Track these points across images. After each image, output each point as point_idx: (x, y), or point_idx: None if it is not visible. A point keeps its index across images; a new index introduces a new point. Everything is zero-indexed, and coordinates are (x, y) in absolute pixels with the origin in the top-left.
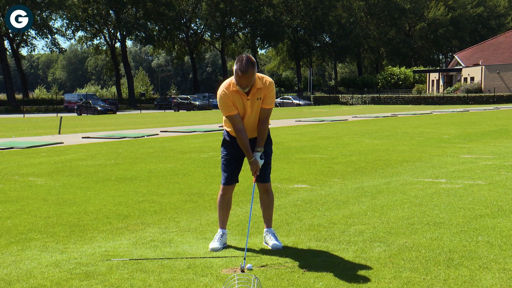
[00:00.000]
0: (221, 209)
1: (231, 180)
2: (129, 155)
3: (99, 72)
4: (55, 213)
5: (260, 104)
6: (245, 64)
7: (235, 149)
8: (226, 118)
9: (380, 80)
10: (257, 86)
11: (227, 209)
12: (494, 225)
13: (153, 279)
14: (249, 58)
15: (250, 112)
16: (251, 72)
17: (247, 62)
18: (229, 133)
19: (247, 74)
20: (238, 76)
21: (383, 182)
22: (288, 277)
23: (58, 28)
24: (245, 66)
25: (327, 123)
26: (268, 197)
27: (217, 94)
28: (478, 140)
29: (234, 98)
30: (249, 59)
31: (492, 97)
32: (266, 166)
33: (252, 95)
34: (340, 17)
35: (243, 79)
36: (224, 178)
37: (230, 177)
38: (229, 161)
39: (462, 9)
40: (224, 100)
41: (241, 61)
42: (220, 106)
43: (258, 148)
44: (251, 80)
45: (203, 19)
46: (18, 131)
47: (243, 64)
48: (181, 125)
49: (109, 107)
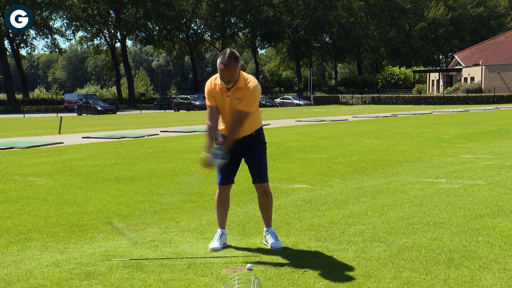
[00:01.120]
0: (218, 209)
1: (225, 180)
2: (129, 155)
3: (99, 72)
4: (55, 213)
5: (237, 104)
6: (227, 57)
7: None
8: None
9: (380, 80)
10: (238, 85)
11: (225, 208)
12: (494, 225)
13: (153, 279)
14: (232, 52)
15: (228, 109)
16: (233, 66)
17: (229, 55)
18: (221, 132)
19: (229, 68)
20: (220, 69)
21: (383, 182)
22: (288, 277)
23: (58, 28)
24: (227, 60)
25: (327, 123)
26: (266, 199)
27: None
28: (478, 140)
29: (215, 91)
30: (232, 53)
31: (492, 97)
32: (257, 165)
33: (231, 92)
34: (340, 17)
35: (225, 72)
36: (219, 178)
37: (225, 176)
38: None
39: (462, 9)
40: (206, 90)
41: (224, 54)
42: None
43: (217, 146)
44: (233, 75)
45: (203, 19)
46: (18, 131)
47: (225, 57)
48: (181, 125)
49: (109, 107)
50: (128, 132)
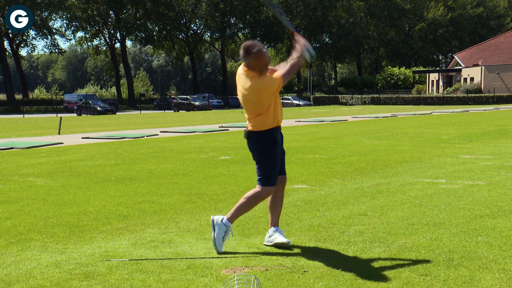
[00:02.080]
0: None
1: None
2: (129, 156)
3: (99, 73)
4: (54, 213)
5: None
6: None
7: (279, 146)
8: (284, 80)
9: (380, 81)
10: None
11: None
12: (494, 226)
13: (153, 279)
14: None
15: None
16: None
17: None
18: (272, 130)
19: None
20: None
21: (383, 182)
22: (288, 278)
23: (57, 28)
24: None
25: (327, 123)
26: (283, 192)
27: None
28: (477, 140)
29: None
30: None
31: (491, 98)
32: (283, 156)
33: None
34: (340, 18)
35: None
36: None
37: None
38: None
39: (461, 10)
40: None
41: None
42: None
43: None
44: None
45: (202, 19)
46: (18, 132)
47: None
48: (181, 126)
49: (108, 108)
50: (127, 133)
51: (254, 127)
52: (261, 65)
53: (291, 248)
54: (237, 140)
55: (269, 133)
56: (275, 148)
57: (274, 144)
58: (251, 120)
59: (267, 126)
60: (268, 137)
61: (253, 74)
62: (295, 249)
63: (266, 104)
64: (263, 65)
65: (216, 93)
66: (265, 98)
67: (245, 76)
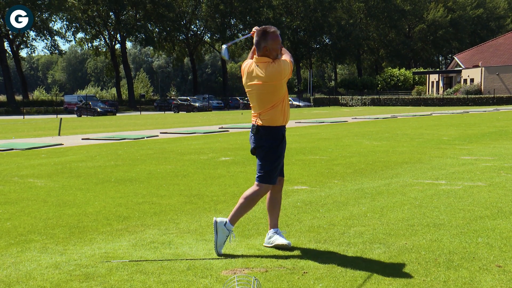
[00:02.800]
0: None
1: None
2: (129, 157)
3: (99, 74)
4: (54, 214)
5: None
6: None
7: (284, 146)
8: (293, 63)
9: (380, 82)
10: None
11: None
12: (494, 227)
13: (153, 280)
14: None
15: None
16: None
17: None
18: (281, 128)
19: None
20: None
21: (383, 183)
22: (288, 279)
23: (57, 29)
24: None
25: (327, 124)
26: (280, 193)
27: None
28: (478, 141)
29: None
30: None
31: (491, 99)
32: (283, 158)
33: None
34: (340, 19)
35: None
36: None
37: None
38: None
39: (461, 11)
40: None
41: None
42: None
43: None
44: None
45: (203, 20)
46: (18, 133)
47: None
48: (181, 127)
49: (108, 109)
50: (127, 134)
51: (265, 121)
52: (277, 48)
53: (291, 249)
54: (237, 141)
55: (278, 130)
56: (281, 146)
57: (282, 142)
58: (262, 114)
59: (278, 122)
60: (278, 134)
61: (267, 60)
62: (295, 250)
63: (282, 92)
64: (278, 48)
65: (216, 94)
66: (282, 84)
67: (259, 67)
